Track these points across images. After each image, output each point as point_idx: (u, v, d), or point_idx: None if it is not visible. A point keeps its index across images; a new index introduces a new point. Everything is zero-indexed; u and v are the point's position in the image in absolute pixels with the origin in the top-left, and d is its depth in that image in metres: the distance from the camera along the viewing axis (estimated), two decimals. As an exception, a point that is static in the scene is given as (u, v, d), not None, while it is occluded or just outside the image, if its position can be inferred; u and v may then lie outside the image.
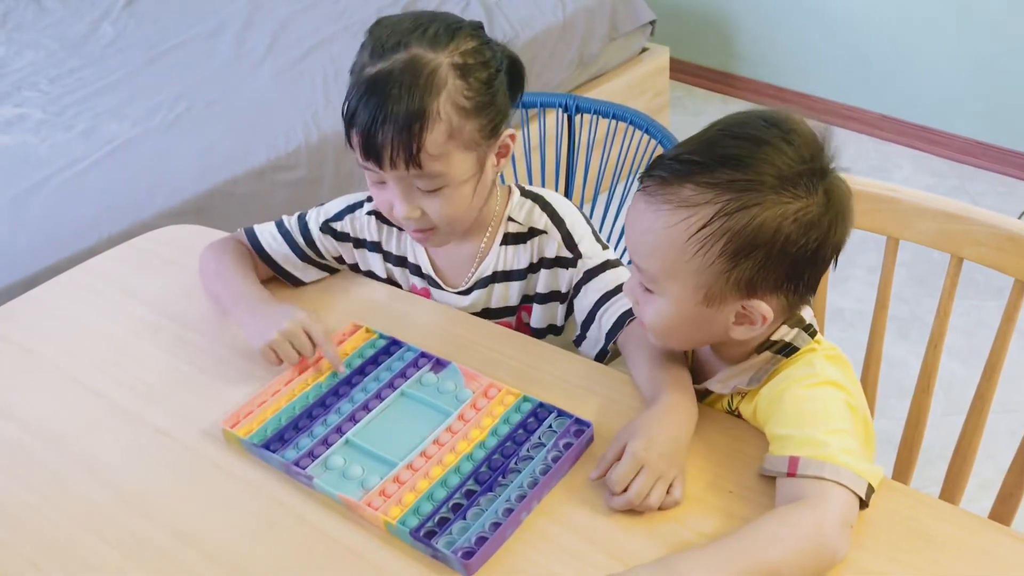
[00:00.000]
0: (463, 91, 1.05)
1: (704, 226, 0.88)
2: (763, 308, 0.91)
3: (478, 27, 1.10)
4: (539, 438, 1.00)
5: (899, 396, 1.44)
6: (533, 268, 1.21)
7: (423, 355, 1.13)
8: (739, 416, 1.02)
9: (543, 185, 1.78)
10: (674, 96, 3.22)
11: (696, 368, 1.05)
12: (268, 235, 1.26)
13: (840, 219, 0.90)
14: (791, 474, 0.89)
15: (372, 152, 1.04)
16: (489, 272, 1.21)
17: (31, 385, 1.16)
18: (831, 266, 0.94)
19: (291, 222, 1.27)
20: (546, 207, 1.20)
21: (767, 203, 0.87)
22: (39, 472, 1.04)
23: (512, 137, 1.13)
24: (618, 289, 1.14)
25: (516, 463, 0.98)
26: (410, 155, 1.03)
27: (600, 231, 1.73)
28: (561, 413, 1.03)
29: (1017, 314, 1.13)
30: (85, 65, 2.44)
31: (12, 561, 0.94)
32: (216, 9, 2.67)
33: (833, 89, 3.06)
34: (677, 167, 0.90)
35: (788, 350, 0.97)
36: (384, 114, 1.02)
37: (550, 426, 1.02)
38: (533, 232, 1.19)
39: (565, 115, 1.68)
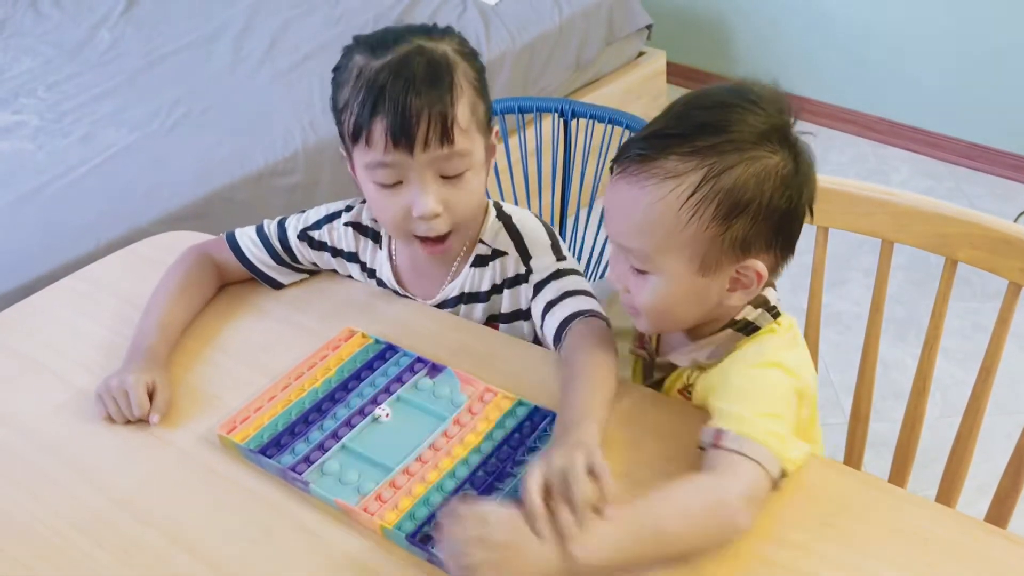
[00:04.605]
0: (470, 71, 1.07)
1: (694, 192, 0.89)
2: (758, 265, 0.93)
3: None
4: (535, 442, 1.01)
5: (896, 398, 1.44)
6: (496, 289, 1.20)
7: (419, 360, 1.13)
8: (691, 395, 1.03)
9: (539, 189, 1.78)
10: (671, 100, 3.22)
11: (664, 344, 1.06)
12: (248, 240, 1.27)
13: (809, 176, 0.93)
14: (715, 446, 0.90)
15: (405, 132, 1.03)
16: (456, 292, 1.21)
17: (27, 391, 1.16)
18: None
19: (271, 227, 1.28)
20: (511, 228, 1.20)
21: (748, 160, 0.89)
22: (35, 477, 1.04)
23: (497, 135, 1.15)
24: (564, 296, 1.12)
25: (512, 467, 0.98)
26: (445, 128, 1.03)
27: (596, 237, 1.72)
28: (556, 417, 1.03)
29: (1012, 316, 1.13)
30: (83, 71, 2.44)
31: (6, 565, 0.94)
32: (214, 14, 2.67)
33: (830, 92, 3.06)
34: (655, 142, 0.91)
35: (749, 329, 0.98)
36: (416, 89, 1.02)
37: (545, 430, 1.02)
38: (496, 254, 1.19)
39: (561, 120, 1.69)
